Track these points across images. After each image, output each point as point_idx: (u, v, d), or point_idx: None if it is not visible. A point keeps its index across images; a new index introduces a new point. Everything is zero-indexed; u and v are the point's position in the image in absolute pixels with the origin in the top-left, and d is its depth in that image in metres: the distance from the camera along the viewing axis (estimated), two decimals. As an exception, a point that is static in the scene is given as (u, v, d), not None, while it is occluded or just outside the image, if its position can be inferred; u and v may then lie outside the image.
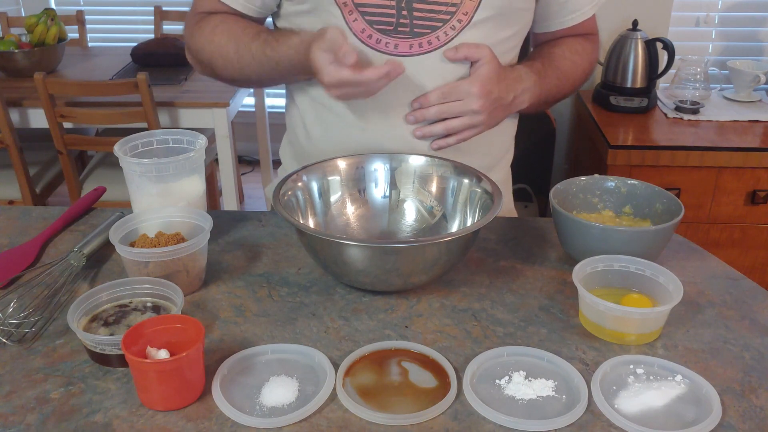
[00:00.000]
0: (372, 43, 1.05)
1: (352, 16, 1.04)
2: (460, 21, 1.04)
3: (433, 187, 1.07)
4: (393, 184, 1.07)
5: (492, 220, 0.91)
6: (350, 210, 1.07)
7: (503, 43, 1.10)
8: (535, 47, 1.22)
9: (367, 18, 1.04)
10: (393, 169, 1.07)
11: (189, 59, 1.17)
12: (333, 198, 1.06)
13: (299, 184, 1.02)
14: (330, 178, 1.06)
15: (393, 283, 0.91)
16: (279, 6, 1.13)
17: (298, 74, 1.07)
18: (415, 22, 1.04)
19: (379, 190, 1.08)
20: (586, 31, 1.20)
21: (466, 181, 1.04)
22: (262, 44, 1.05)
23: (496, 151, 1.20)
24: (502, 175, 1.23)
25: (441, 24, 1.04)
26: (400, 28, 1.04)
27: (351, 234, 1.05)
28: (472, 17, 1.04)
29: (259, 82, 1.20)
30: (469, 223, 1.02)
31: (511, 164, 1.29)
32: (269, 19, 1.19)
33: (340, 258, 0.89)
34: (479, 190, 1.01)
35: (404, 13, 1.03)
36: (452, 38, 1.05)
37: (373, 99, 1.07)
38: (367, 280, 0.91)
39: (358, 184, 1.07)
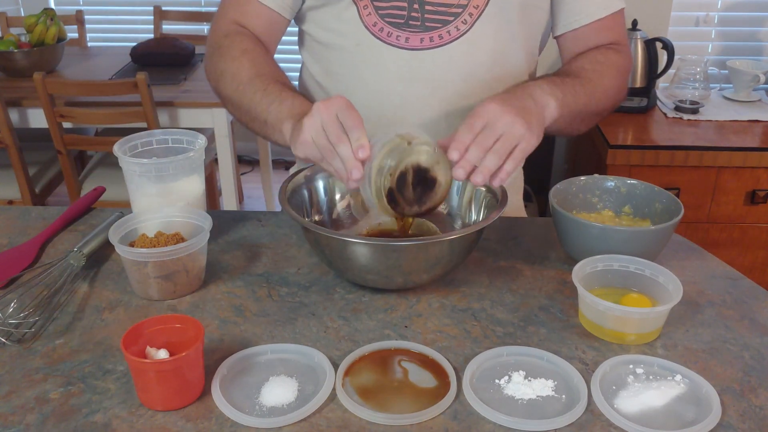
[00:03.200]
0: (383, 36, 1.05)
1: (366, 10, 1.05)
2: (471, 15, 1.04)
3: None
4: None
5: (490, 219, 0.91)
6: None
7: (514, 41, 1.09)
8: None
9: (380, 12, 1.05)
10: None
11: (208, 63, 1.13)
12: (338, 196, 1.06)
13: (305, 181, 1.03)
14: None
15: (397, 281, 0.91)
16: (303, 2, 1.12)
17: (272, 127, 0.99)
18: (426, 15, 1.04)
19: None
20: (610, 41, 1.13)
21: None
22: (279, 88, 1.00)
23: None
24: (513, 174, 1.23)
25: (452, 18, 1.04)
26: (411, 22, 1.05)
27: (356, 231, 1.06)
28: (483, 10, 1.04)
29: (248, 115, 1.05)
30: (473, 222, 1.02)
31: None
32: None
33: (345, 255, 0.89)
34: (484, 190, 1.01)
35: (415, 6, 1.04)
36: (464, 32, 1.05)
37: (387, 93, 1.08)
38: (371, 277, 0.91)
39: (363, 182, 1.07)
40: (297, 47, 1.21)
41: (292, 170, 1.28)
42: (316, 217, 1.04)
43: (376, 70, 1.08)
